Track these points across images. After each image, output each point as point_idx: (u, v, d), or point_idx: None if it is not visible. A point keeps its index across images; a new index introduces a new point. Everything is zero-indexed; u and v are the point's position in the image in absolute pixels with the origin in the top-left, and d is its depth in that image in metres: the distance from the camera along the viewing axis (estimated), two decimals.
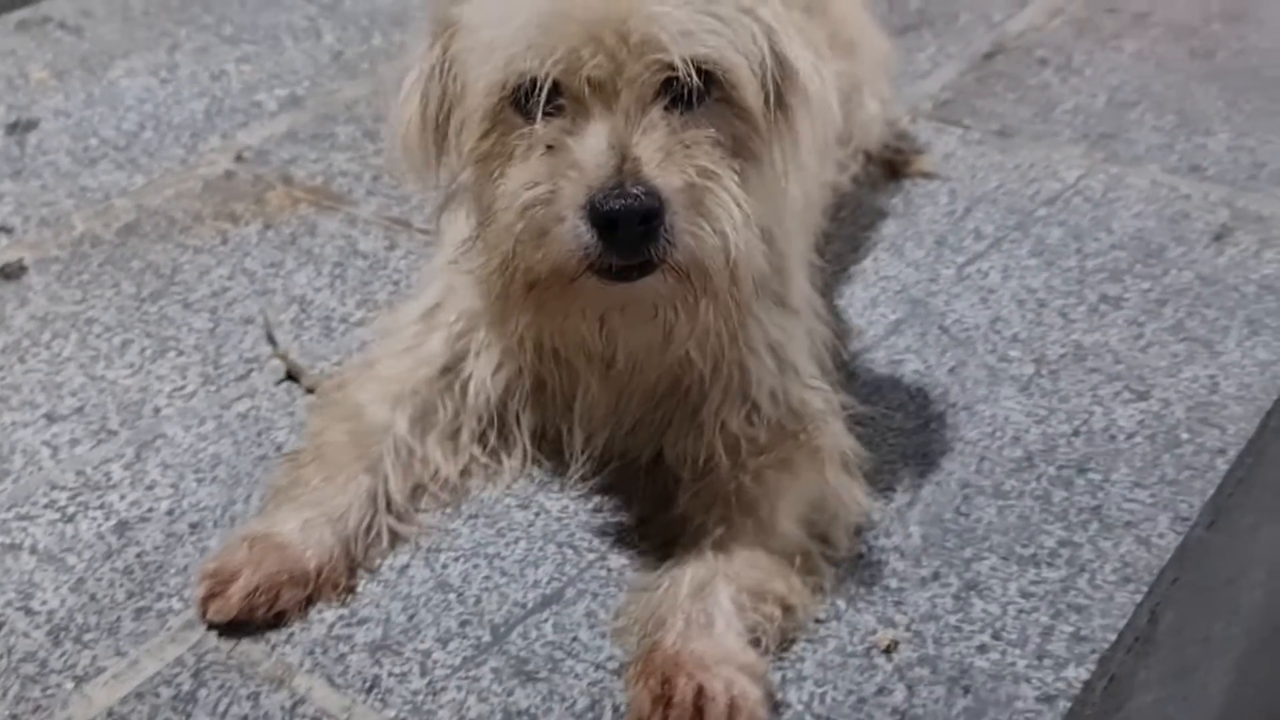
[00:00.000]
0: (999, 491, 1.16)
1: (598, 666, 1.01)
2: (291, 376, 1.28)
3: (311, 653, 1.02)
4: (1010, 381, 1.28)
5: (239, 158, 1.61)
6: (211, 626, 1.03)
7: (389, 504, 1.11)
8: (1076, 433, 1.22)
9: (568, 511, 1.14)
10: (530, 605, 1.06)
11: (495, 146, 0.95)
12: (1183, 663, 1.28)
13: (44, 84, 1.76)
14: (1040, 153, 1.62)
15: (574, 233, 0.90)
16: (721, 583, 1.01)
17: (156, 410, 1.26)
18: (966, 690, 0.99)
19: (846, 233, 1.47)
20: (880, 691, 0.99)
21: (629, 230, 0.89)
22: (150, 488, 1.17)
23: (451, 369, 1.14)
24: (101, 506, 1.16)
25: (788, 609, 1.02)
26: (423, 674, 1.00)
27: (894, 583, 1.08)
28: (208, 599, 1.02)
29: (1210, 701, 1.45)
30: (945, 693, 0.99)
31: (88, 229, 1.49)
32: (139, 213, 1.51)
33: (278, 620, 1.03)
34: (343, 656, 1.02)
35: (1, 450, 1.21)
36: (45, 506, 1.16)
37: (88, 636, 1.04)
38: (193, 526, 1.13)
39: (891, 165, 1.59)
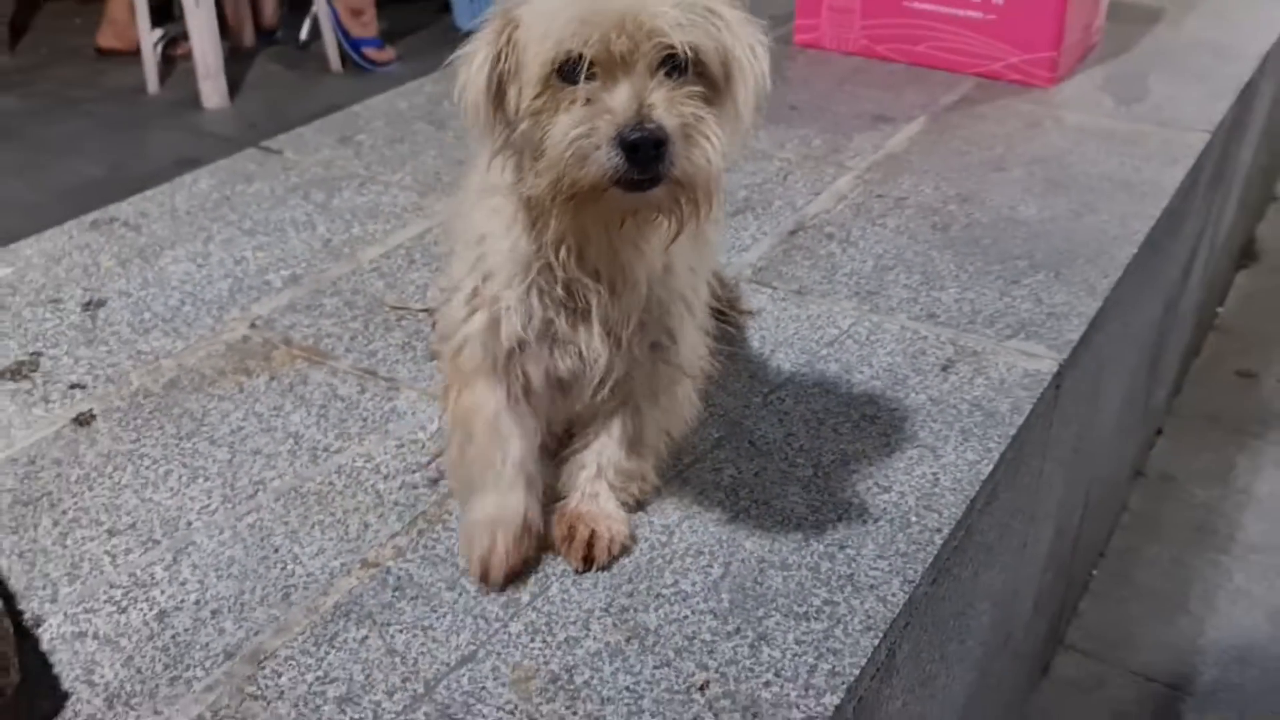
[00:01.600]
0: (785, 564, 1.24)
1: (499, 709, 1.07)
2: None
3: (296, 705, 1.08)
4: (796, 482, 1.36)
5: (253, 325, 1.66)
6: (495, 583, 1.20)
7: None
8: (840, 519, 1.31)
9: (481, 589, 1.21)
10: (452, 663, 1.12)
11: (546, 104, 1.05)
12: (925, 675, 1.36)
13: (111, 271, 1.79)
14: (825, 306, 1.71)
15: (608, 156, 1.02)
16: (606, 474, 1.26)
17: (189, 524, 1.30)
18: (755, 715, 1.07)
19: None
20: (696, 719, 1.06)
21: (646, 153, 1.02)
22: (183, 584, 1.22)
23: (495, 329, 1.21)
24: (147, 600, 1.20)
25: (643, 488, 1.30)
26: (375, 718, 1.07)
27: (708, 636, 1.15)
28: (485, 571, 1.20)
29: (954, 698, 1.53)
30: (740, 718, 1.07)
31: (141, 384, 1.53)
32: (179, 370, 1.56)
33: (535, 563, 1.23)
34: (318, 708, 1.08)
35: (75, 559, 1.25)
36: (105, 601, 1.20)
37: (134, 700, 1.09)
38: (213, 613, 1.18)
39: (721, 313, 1.67)
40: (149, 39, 4.48)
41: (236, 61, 4.72)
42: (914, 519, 1.30)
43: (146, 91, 4.48)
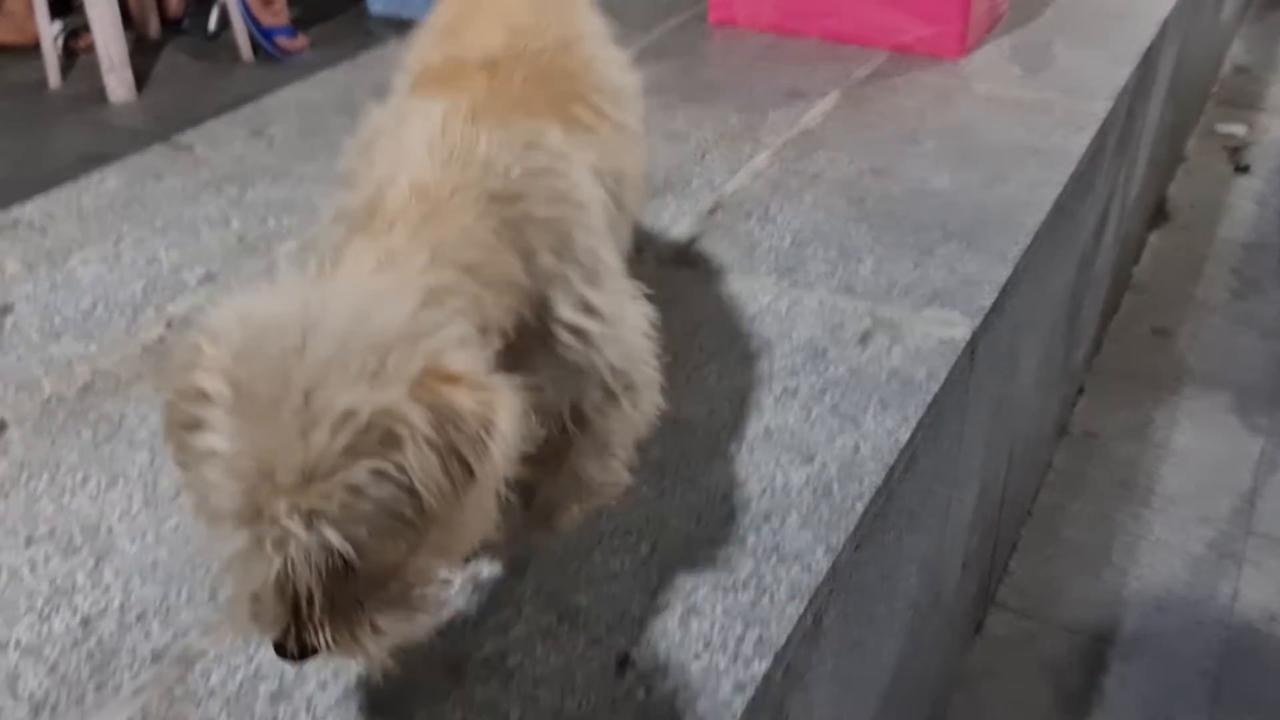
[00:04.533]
0: (712, 539, 1.27)
1: (433, 694, 1.09)
2: None
3: (228, 703, 1.08)
4: (720, 457, 1.39)
5: (169, 325, 1.64)
6: None
7: None
8: (764, 491, 1.34)
9: None
10: None
11: None
12: (853, 639, 1.40)
13: (17, 276, 1.76)
14: (745, 283, 1.74)
15: None
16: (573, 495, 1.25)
17: (110, 529, 1.29)
18: (686, 686, 1.10)
19: None
20: (627, 695, 1.09)
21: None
22: (106, 589, 1.21)
23: None
24: (70, 607, 1.19)
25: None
26: (308, 711, 1.08)
27: (638, 611, 1.18)
28: None
29: (885, 660, 1.58)
30: (671, 691, 1.10)
31: (54, 390, 1.51)
32: (93, 375, 1.54)
33: None
34: (250, 705, 1.08)
35: None
36: (26, 611, 1.19)
37: (60, 709, 1.08)
38: (138, 617, 1.18)
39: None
40: (49, 32, 4.34)
41: (142, 53, 4.59)
42: (836, 488, 1.34)
43: (48, 86, 4.36)
